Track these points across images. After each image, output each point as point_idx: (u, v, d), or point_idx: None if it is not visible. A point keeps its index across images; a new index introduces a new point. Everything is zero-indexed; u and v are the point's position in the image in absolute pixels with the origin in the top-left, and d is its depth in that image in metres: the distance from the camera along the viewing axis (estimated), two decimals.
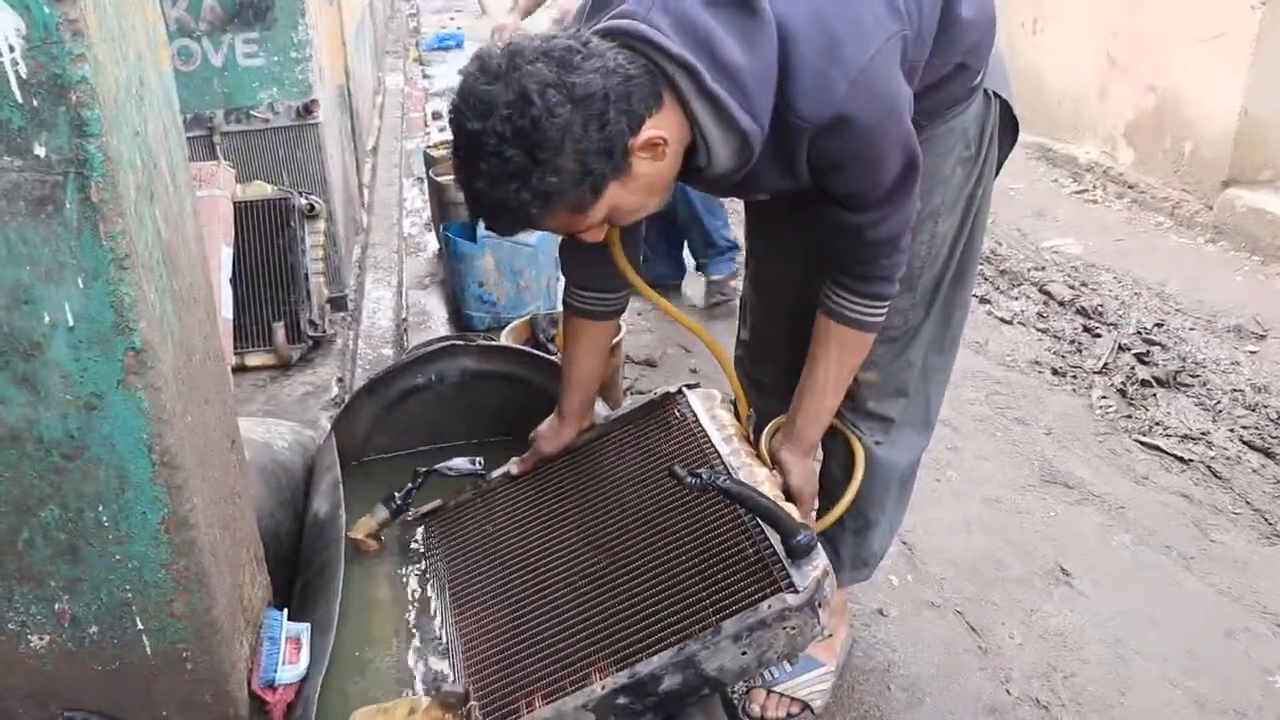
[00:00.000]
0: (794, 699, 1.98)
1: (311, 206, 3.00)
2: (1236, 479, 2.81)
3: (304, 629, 1.55)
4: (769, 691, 1.99)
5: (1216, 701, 2.05)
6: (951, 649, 2.18)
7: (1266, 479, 2.81)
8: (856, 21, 1.35)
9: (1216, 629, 2.25)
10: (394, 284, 3.74)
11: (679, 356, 3.54)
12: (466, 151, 1.28)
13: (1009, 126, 1.74)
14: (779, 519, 1.40)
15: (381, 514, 1.83)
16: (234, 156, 3.09)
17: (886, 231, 1.51)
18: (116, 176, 1.11)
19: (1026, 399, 3.28)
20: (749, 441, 1.70)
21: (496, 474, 1.89)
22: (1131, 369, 3.43)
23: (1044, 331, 3.78)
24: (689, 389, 1.81)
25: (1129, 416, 3.16)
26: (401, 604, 1.73)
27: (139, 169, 1.18)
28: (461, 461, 1.87)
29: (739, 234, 3.45)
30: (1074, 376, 3.43)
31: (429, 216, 4.57)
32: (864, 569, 2.01)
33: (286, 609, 1.61)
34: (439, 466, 1.87)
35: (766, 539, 1.43)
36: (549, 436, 1.85)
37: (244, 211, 2.92)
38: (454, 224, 3.59)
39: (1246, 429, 3.05)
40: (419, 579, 1.78)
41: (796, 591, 1.33)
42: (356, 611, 1.69)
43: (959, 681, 2.10)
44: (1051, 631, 2.23)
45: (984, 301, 4.03)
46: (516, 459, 1.88)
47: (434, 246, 4.25)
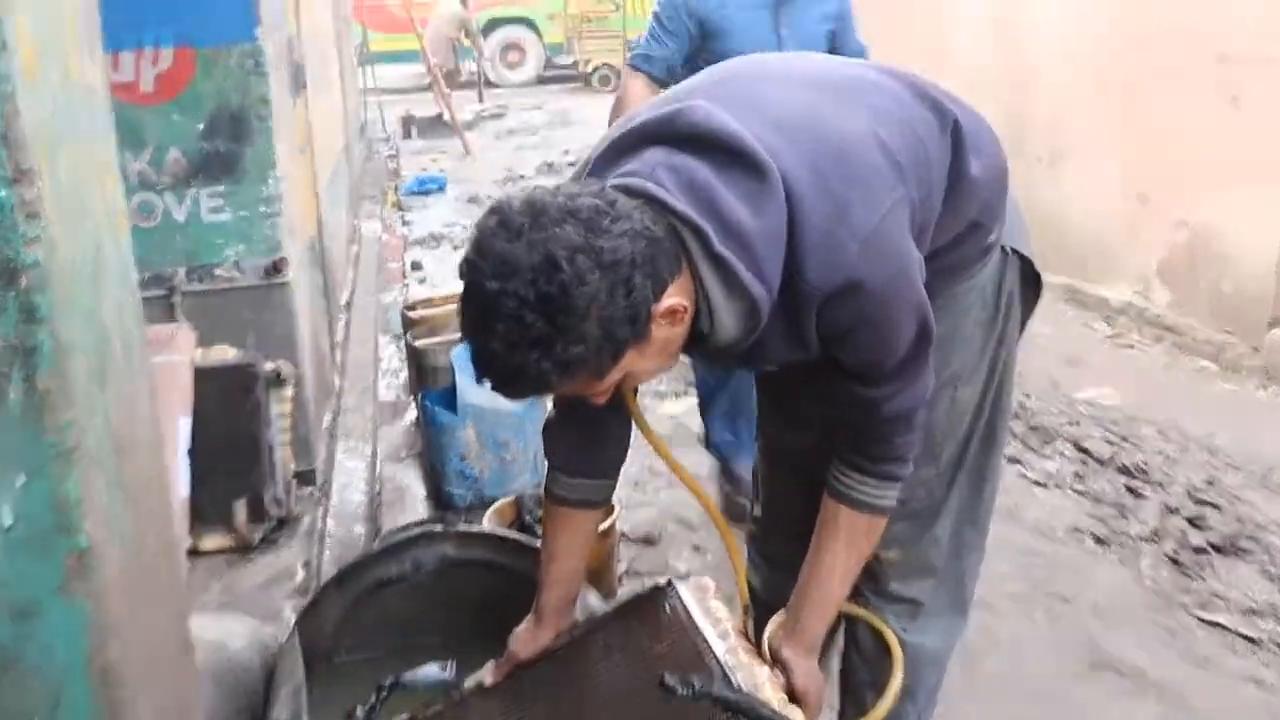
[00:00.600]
0: None
1: (278, 373, 3.02)
2: None
3: None
4: None
5: None
6: None
7: None
8: (862, 183, 1.41)
9: None
10: (368, 455, 3.74)
11: (680, 533, 3.50)
12: (482, 312, 1.29)
13: (1031, 283, 1.80)
14: None
15: None
16: (196, 318, 3.09)
17: (900, 407, 1.55)
18: (66, 364, 1.11)
19: (1068, 572, 3.23)
20: (748, 637, 1.68)
21: (469, 683, 1.86)
22: (1183, 534, 3.39)
23: (1083, 494, 3.76)
24: (679, 581, 1.81)
25: (1185, 589, 3.11)
26: None
27: (90, 353, 1.19)
28: (431, 670, 1.86)
29: None
30: (1120, 544, 3.39)
31: (407, 377, 4.59)
32: None
33: None
34: (405, 678, 1.85)
35: None
36: (525, 640, 1.83)
37: (204, 378, 2.91)
38: (433, 392, 3.60)
39: None
40: None
41: None
42: None
43: None
44: None
45: (1014, 462, 4.02)
46: (492, 664, 1.85)
47: (412, 415, 4.27)
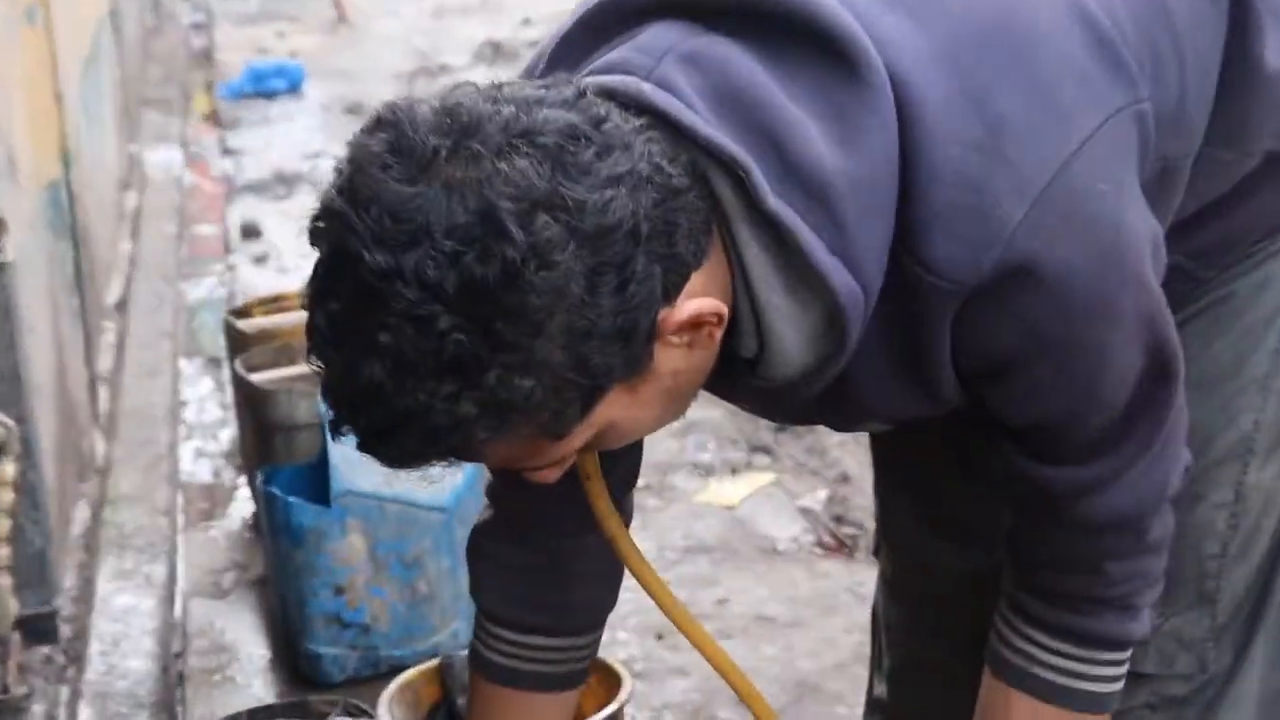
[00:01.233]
0: None
1: None
2: None
3: None
4: None
5: None
6: None
7: None
8: (1044, 92, 1.40)
9: None
10: (159, 584, 3.72)
11: None
12: (353, 308, 1.24)
13: None
14: None
15: None
16: None
17: (1115, 506, 1.53)
18: None
19: None
20: None
21: None
22: None
23: None
24: None
25: None
26: None
27: None
28: None
29: None
30: None
31: (234, 442, 4.59)
32: None
33: None
34: None
35: None
36: None
37: None
38: (285, 469, 3.57)
39: None
40: None
41: None
42: None
43: None
44: None
45: None
46: None
47: (244, 510, 4.26)
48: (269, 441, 3.74)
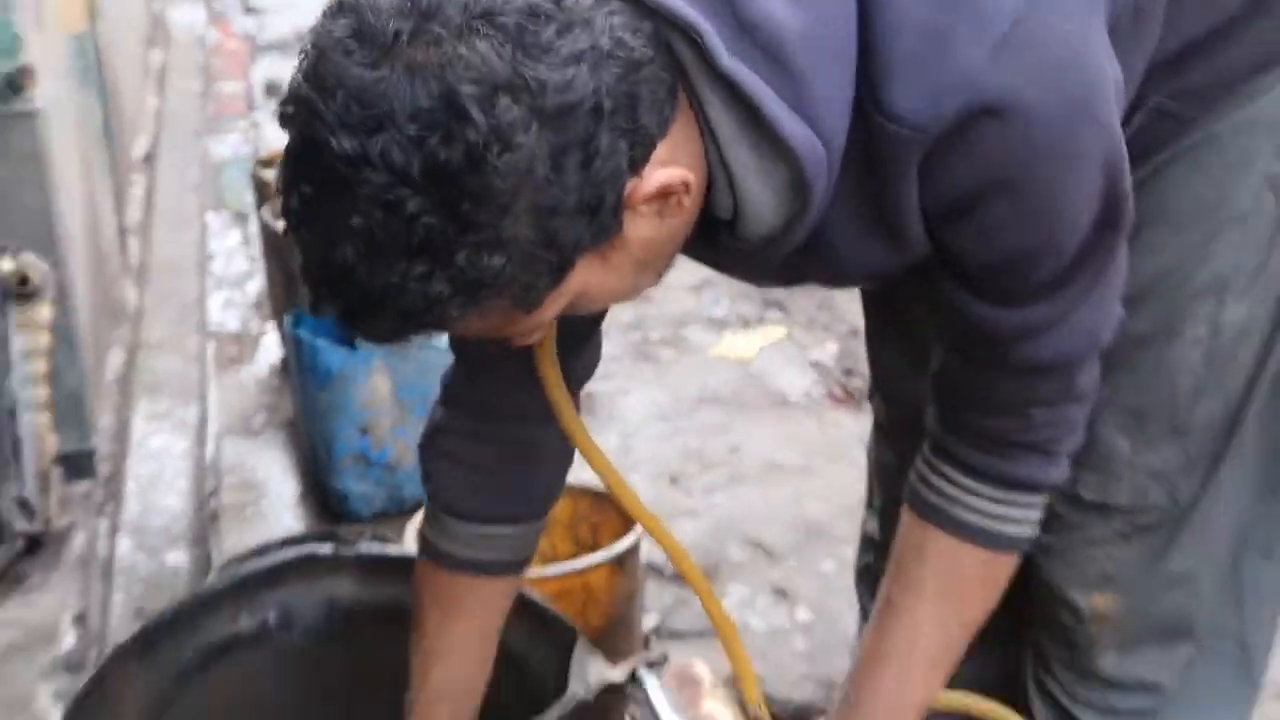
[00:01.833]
0: None
1: (23, 278, 3.01)
2: None
3: None
4: None
5: None
6: None
7: None
8: None
9: None
10: (191, 424, 3.78)
11: (754, 564, 3.50)
12: (323, 193, 1.24)
13: None
14: None
15: None
16: None
17: (1055, 349, 1.53)
18: None
19: None
20: None
21: None
22: None
23: None
24: (649, 671, 1.87)
25: None
26: None
27: None
28: None
29: None
30: None
31: (260, 293, 4.64)
32: None
33: None
34: None
35: None
36: None
37: None
38: (310, 314, 3.57)
39: None
40: None
41: None
42: None
43: None
44: None
45: None
46: None
47: (273, 354, 4.31)
48: (295, 287, 3.70)
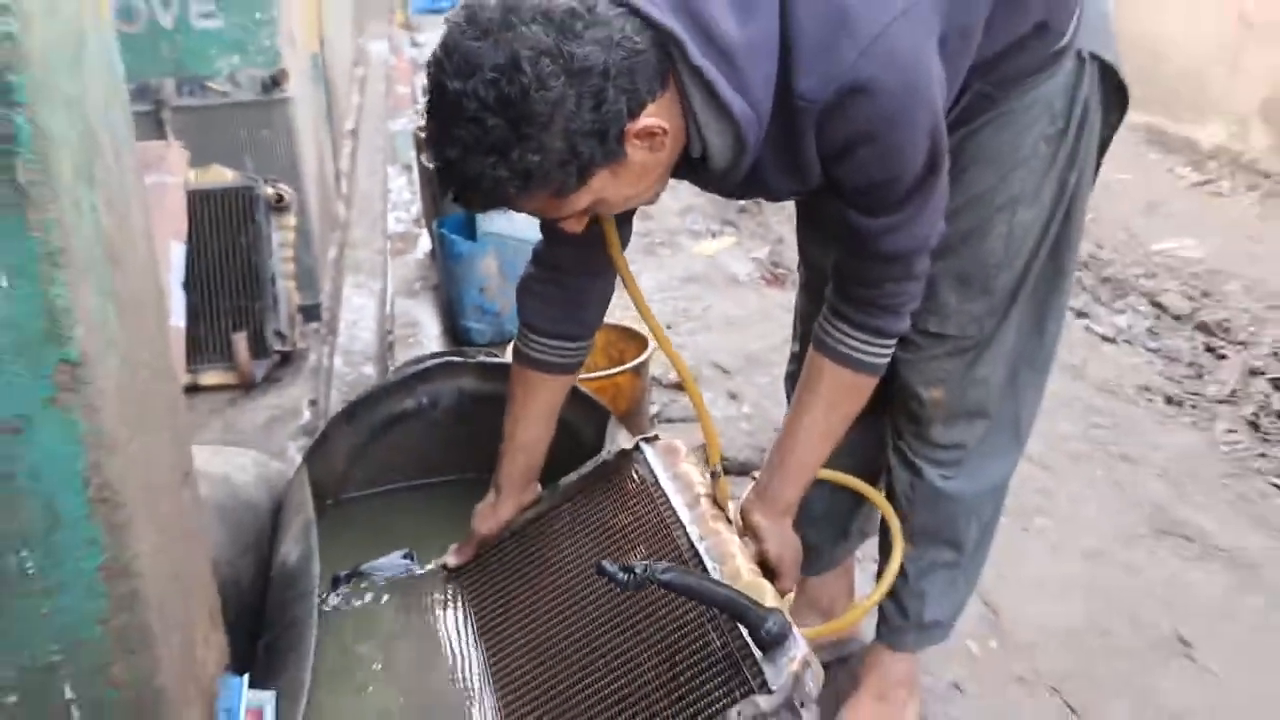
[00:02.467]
0: None
1: (280, 197, 3.01)
2: None
3: (268, 698, 1.53)
4: None
5: None
6: None
7: None
8: None
9: None
10: (377, 290, 3.76)
11: (715, 378, 3.53)
12: (442, 113, 1.30)
13: (1115, 96, 1.72)
14: (741, 608, 1.37)
15: None
16: (186, 136, 3.07)
17: (899, 245, 1.51)
18: (49, 154, 1.08)
19: (1134, 433, 3.24)
20: (719, 504, 1.68)
21: (431, 567, 1.90)
22: (1266, 397, 3.38)
23: (1156, 351, 3.74)
24: (647, 445, 1.80)
25: (1263, 455, 3.12)
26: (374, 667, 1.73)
27: (75, 145, 1.16)
28: (392, 559, 1.90)
29: None
30: (1193, 406, 3.38)
31: (418, 211, 4.59)
32: (937, 629, 1.99)
33: (247, 674, 1.59)
34: (364, 567, 1.89)
35: (736, 628, 1.41)
36: (485, 516, 1.86)
37: (199, 202, 2.92)
38: (450, 218, 3.60)
39: None
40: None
41: (770, 691, 1.31)
42: (333, 678, 1.67)
43: None
44: (1170, 716, 2.19)
45: (1081, 315, 3.99)
46: (453, 548, 1.90)
47: (425, 247, 4.27)
48: (440, 203, 3.71)
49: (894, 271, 1.54)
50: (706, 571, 1.53)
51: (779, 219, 4.91)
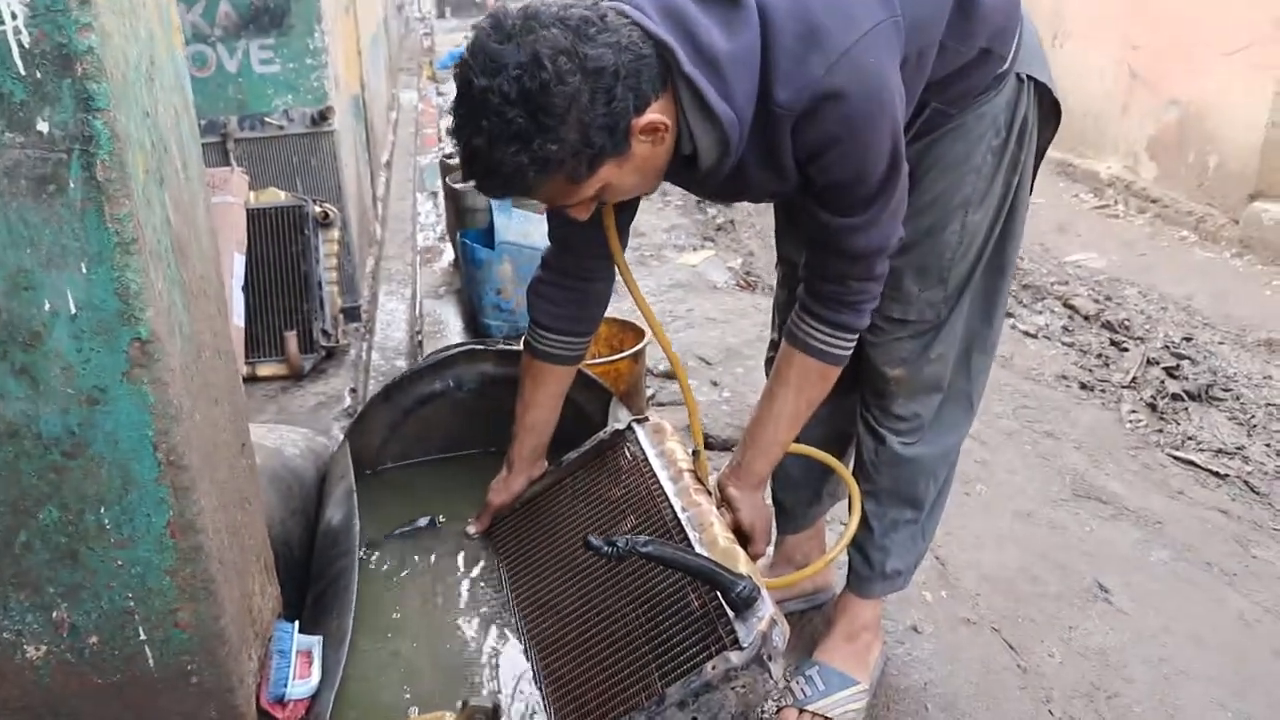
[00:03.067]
0: (827, 718, 1.89)
1: (326, 214, 2.97)
2: (1276, 494, 2.72)
3: (316, 642, 1.48)
4: (800, 711, 1.90)
5: None
6: (989, 667, 2.09)
7: None
8: (841, 8, 1.32)
9: (1264, 648, 2.15)
10: (408, 296, 3.70)
11: (699, 369, 3.47)
12: (469, 108, 1.25)
13: (1050, 112, 1.67)
14: (713, 574, 1.33)
15: None
16: (248, 163, 3.06)
17: (864, 243, 1.47)
18: (124, 156, 1.04)
19: (1055, 413, 3.19)
20: (700, 478, 1.64)
21: (454, 532, 1.87)
22: (1161, 383, 3.35)
23: (1070, 345, 3.71)
24: (638, 424, 1.77)
25: (1160, 431, 3.08)
26: (415, 619, 1.67)
27: (148, 150, 1.12)
28: (421, 524, 1.87)
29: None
30: (1102, 390, 3.34)
31: (443, 229, 4.53)
32: (898, 578, 1.93)
33: (298, 621, 1.53)
34: (395, 533, 1.86)
35: (713, 592, 1.37)
36: (499, 489, 1.84)
37: (257, 219, 2.88)
38: (471, 230, 3.54)
39: None
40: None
41: (741, 648, 1.28)
42: (371, 625, 1.63)
43: (999, 701, 2.00)
44: (1092, 650, 2.14)
45: (1008, 316, 3.95)
46: (472, 519, 1.87)
47: (448, 259, 4.21)
48: (462, 218, 3.69)
49: (857, 270, 1.50)
50: (688, 538, 1.50)
51: (749, 234, 4.87)
